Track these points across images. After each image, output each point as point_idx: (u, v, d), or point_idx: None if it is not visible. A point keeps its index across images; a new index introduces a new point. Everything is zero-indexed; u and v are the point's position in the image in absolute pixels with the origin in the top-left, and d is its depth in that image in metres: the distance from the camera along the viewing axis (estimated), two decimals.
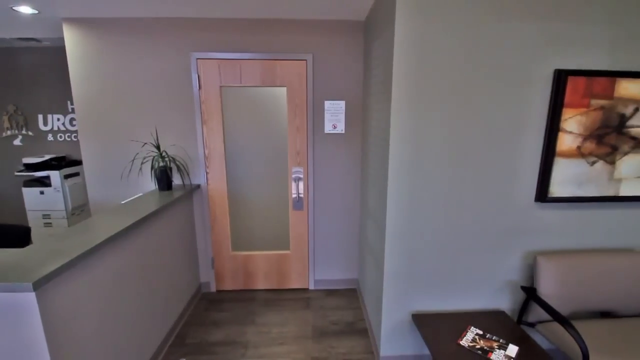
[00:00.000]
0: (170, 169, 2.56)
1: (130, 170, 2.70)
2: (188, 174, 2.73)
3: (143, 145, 2.66)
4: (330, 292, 2.96)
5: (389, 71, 1.72)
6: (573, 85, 1.71)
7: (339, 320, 2.55)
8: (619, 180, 1.83)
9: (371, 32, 2.25)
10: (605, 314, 1.96)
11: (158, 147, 2.48)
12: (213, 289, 2.96)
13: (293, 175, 2.77)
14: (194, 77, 2.56)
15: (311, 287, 3.01)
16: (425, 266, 1.92)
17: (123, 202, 2.19)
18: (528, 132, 1.79)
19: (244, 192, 2.83)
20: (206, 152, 2.70)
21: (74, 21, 2.46)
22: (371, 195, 2.30)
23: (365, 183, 2.55)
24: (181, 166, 2.70)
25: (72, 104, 3.66)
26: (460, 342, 1.65)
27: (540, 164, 1.82)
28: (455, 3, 1.62)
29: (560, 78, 1.70)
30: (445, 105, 1.73)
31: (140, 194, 2.48)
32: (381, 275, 1.97)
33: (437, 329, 1.76)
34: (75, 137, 3.73)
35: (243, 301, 2.81)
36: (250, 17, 2.49)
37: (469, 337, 1.70)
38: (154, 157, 2.53)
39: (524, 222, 1.89)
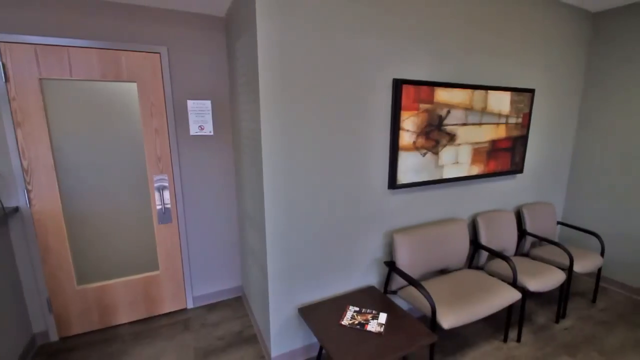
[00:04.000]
0: None
1: None
2: None
3: None
4: (212, 307, 2.75)
5: (255, 71, 1.70)
6: (407, 92, 2.09)
7: (225, 333, 2.40)
8: (442, 167, 2.36)
9: (233, 30, 2.17)
10: (442, 271, 2.51)
11: None
12: (54, 337, 2.30)
13: (155, 184, 2.42)
14: None
15: (190, 305, 2.72)
16: (305, 260, 2.01)
17: None
18: (379, 130, 2.09)
19: (90, 209, 2.30)
20: (24, 163, 2.06)
21: None
22: (248, 197, 2.24)
23: (241, 186, 2.46)
24: None
25: None
26: (342, 322, 1.80)
27: (389, 157, 2.16)
28: (309, 14, 1.73)
29: (397, 86, 2.05)
30: (309, 105, 1.83)
31: None
32: (265, 277, 1.96)
33: (321, 316, 1.87)
34: None
35: (102, 343, 2.29)
36: None
37: (349, 315, 1.87)
38: None
39: (382, 207, 2.22)
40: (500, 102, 2.52)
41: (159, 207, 2.46)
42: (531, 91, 2.67)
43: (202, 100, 2.46)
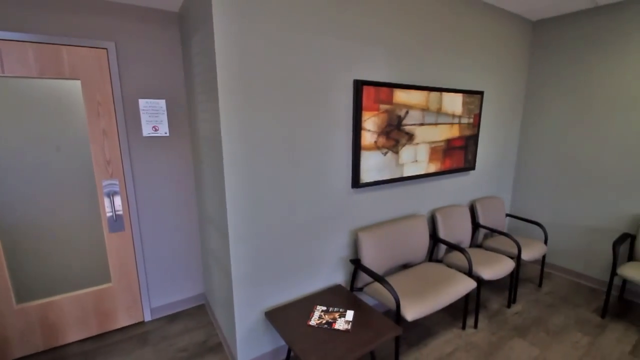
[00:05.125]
0: None
1: None
2: None
3: None
4: (173, 317, 2.61)
5: (213, 70, 1.64)
6: (367, 93, 2.14)
7: (188, 344, 2.29)
8: (402, 165, 2.44)
9: (188, 26, 2.08)
10: (405, 266, 2.60)
11: None
12: None
13: (105, 190, 2.25)
14: None
15: (147, 318, 2.56)
16: (271, 262, 1.97)
17: None
18: (341, 131, 2.11)
19: (29, 220, 2.08)
20: None
21: None
22: (209, 200, 2.16)
23: (201, 188, 2.36)
24: None
25: None
26: (310, 323, 1.80)
27: (352, 156, 2.19)
28: (270, 13, 1.71)
29: (358, 87, 2.09)
30: (271, 105, 1.81)
31: None
32: (229, 282, 1.89)
33: (289, 318, 1.85)
34: None
35: None
36: None
37: (316, 315, 1.87)
38: None
39: (346, 206, 2.24)
40: (454, 103, 2.67)
41: (109, 214, 2.28)
42: (480, 93, 2.85)
43: (155, 99, 2.32)
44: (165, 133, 2.40)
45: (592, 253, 3.08)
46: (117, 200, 2.29)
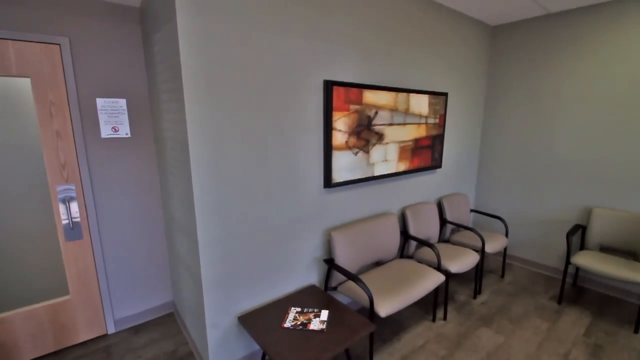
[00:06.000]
0: None
1: None
2: None
3: None
4: (140, 328, 2.48)
5: (177, 69, 1.58)
6: (337, 94, 2.15)
7: (156, 355, 2.18)
8: (373, 165, 2.48)
9: (150, 22, 1.98)
10: (377, 263, 2.64)
11: None
12: None
13: (60, 196, 2.09)
14: None
15: (111, 330, 2.41)
16: (243, 265, 1.93)
17: None
18: (313, 131, 2.11)
19: None
20: None
21: None
22: (176, 203, 2.07)
23: (167, 192, 2.26)
24: None
25: None
26: (284, 325, 1.78)
27: (324, 157, 2.20)
28: (238, 11, 1.67)
29: (328, 87, 2.09)
30: (239, 106, 1.77)
31: None
32: (200, 288, 1.83)
33: (263, 322, 1.82)
34: None
35: None
36: None
37: (291, 317, 1.85)
38: None
39: (319, 206, 2.24)
40: (420, 104, 2.75)
41: (65, 221, 2.13)
42: (445, 94, 2.97)
43: (115, 98, 2.20)
44: (127, 134, 2.28)
45: (548, 244, 3.30)
46: (74, 207, 2.14)
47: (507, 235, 3.19)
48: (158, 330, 2.45)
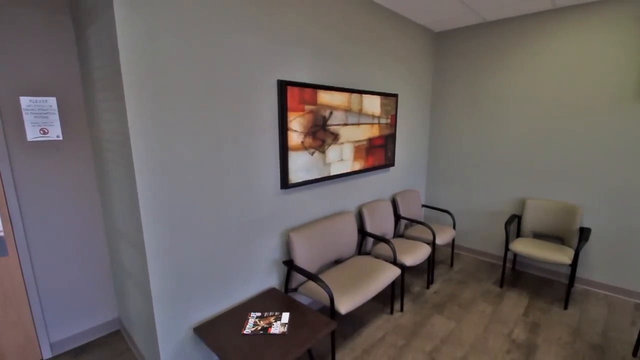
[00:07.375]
0: None
1: None
2: None
3: None
4: (82, 350, 2.25)
5: (116, 64, 1.45)
6: (292, 94, 2.14)
7: None
8: (329, 164, 2.51)
9: (82, 13, 1.80)
10: (337, 261, 2.67)
11: None
12: None
13: None
14: None
15: (47, 355, 2.16)
16: (197, 274, 1.84)
17: None
18: (268, 131, 2.07)
19: None
20: None
21: None
22: (119, 211, 1.91)
23: (108, 199, 2.08)
24: None
25: None
26: (244, 332, 1.72)
27: (280, 157, 2.17)
28: (183, 5, 1.58)
29: (282, 87, 2.07)
30: (188, 105, 1.68)
31: None
32: (149, 301, 1.70)
33: (221, 331, 1.75)
34: None
35: None
36: None
37: (251, 323, 1.81)
38: None
39: (276, 207, 2.21)
40: (373, 104, 2.84)
41: None
42: (395, 95, 3.09)
43: (42, 97, 1.96)
44: (58, 137, 2.05)
45: (490, 233, 3.59)
46: None
47: (454, 227, 3.42)
48: (103, 350, 2.24)
